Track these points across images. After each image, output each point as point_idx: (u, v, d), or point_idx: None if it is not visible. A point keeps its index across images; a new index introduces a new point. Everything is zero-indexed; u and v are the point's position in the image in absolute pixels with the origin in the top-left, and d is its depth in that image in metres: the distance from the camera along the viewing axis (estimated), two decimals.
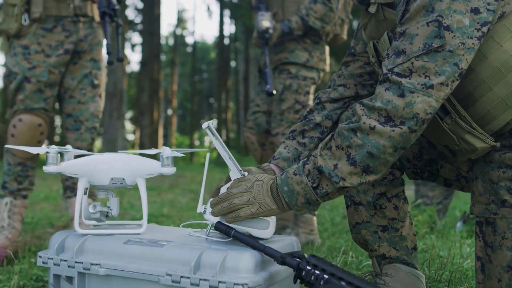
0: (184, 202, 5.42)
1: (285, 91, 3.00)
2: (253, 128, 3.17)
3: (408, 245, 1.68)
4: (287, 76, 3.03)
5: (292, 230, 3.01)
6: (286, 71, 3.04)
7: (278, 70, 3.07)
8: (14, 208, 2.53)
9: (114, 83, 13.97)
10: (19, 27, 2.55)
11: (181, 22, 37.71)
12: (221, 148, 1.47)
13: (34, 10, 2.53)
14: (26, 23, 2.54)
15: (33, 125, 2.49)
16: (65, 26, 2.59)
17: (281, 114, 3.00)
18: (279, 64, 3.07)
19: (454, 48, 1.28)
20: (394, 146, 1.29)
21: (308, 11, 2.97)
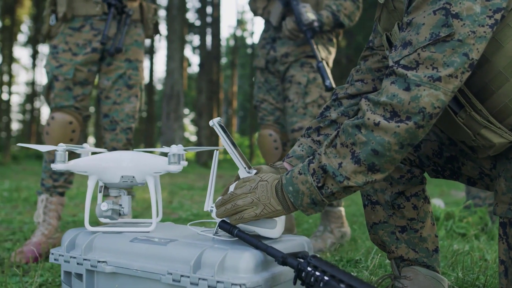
0: None
1: (309, 84, 2.90)
2: (275, 126, 3.07)
3: (429, 247, 1.60)
4: (310, 70, 2.93)
5: (325, 228, 2.93)
6: (308, 64, 2.94)
7: (299, 62, 2.95)
8: (50, 205, 2.59)
9: (171, 84, 14.20)
10: (49, 28, 2.61)
11: (241, 24, 37.95)
12: (228, 146, 1.44)
13: (59, 10, 2.59)
14: (53, 23, 2.60)
15: (64, 123, 2.54)
16: (93, 25, 2.62)
17: (305, 108, 2.89)
18: (302, 57, 2.96)
19: (464, 37, 1.20)
20: (400, 143, 1.22)
21: (339, 7, 2.88)
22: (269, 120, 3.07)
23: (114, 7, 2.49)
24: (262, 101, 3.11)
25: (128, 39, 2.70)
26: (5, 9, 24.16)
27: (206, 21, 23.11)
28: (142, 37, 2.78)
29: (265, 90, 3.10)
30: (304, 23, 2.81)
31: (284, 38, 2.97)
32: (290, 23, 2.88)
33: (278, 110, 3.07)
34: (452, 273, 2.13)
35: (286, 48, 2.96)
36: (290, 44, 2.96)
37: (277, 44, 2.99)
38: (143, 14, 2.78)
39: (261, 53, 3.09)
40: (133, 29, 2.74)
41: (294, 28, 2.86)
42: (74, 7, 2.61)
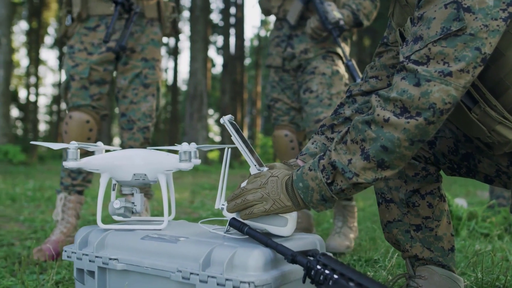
0: None
1: (333, 76, 2.86)
2: (290, 126, 3.02)
3: (445, 246, 1.57)
4: (332, 63, 2.90)
5: (344, 223, 2.86)
6: (330, 58, 2.90)
7: (321, 56, 2.91)
8: (69, 203, 2.61)
9: (194, 85, 14.27)
10: (65, 28, 2.64)
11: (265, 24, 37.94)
12: (238, 144, 1.44)
13: (74, 10, 2.61)
14: (68, 23, 2.63)
15: (81, 122, 2.56)
16: (108, 24, 2.62)
17: (330, 99, 2.82)
18: (322, 52, 2.91)
19: (476, 31, 1.17)
20: (410, 139, 1.20)
21: (358, 6, 2.85)
22: (284, 120, 3.03)
23: (120, 5, 2.49)
24: (276, 100, 3.06)
25: (144, 38, 2.71)
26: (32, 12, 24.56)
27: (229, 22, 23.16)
28: (159, 35, 2.77)
29: (280, 89, 3.05)
30: (331, 21, 2.77)
31: (302, 35, 2.94)
32: (314, 21, 2.83)
33: (293, 110, 3.02)
34: (472, 273, 2.09)
35: (304, 45, 2.92)
36: (308, 41, 2.92)
37: (294, 41, 2.95)
38: (160, 12, 2.78)
39: (276, 51, 3.04)
40: (149, 28, 2.74)
41: (318, 27, 2.82)
42: (89, 7, 2.63)
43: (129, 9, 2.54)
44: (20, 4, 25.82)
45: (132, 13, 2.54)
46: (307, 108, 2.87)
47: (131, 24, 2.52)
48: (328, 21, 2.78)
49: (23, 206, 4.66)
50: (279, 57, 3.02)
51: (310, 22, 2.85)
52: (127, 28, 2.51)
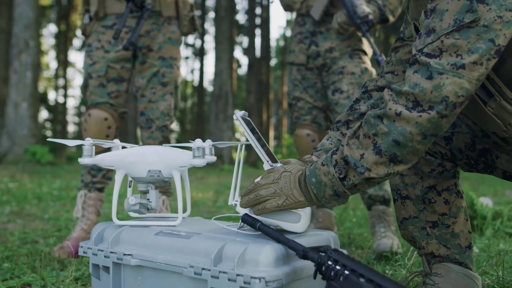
0: None
1: (362, 75, 2.81)
2: (312, 125, 2.96)
3: (462, 243, 1.54)
4: (360, 61, 2.84)
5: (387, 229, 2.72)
6: (357, 56, 2.85)
7: (348, 55, 2.85)
8: (89, 200, 2.64)
9: (220, 85, 14.32)
10: (84, 26, 2.67)
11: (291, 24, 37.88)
12: (251, 140, 1.44)
13: (91, 9, 2.64)
14: (86, 22, 2.66)
15: (99, 119, 2.58)
16: (125, 22, 2.64)
17: None
18: (348, 51, 2.86)
19: (490, 23, 1.15)
20: (422, 133, 1.18)
21: (385, 2, 2.79)
22: (306, 119, 2.97)
23: (132, 2, 2.50)
24: (298, 99, 3.00)
25: (161, 36, 2.72)
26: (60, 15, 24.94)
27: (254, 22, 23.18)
28: (176, 34, 2.78)
29: (302, 88, 2.98)
30: (359, 16, 2.71)
31: (326, 32, 2.89)
32: (342, 16, 2.76)
33: (316, 109, 2.96)
34: (494, 272, 2.05)
35: (329, 43, 2.87)
36: (333, 38, 2.87)
37: (319, 39, 2.90)
38: (178, 10, 2.78)
39: (299, 48, 2.98)
40: (167, 26, 2.74)
41: (346, 22, 2.76)
42: (106, 6, 2.65)
43: (141, 6, 2.55)
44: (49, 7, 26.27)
45: (143, 10, 2.54)
46: (338, 109, 2.82)
47: (141, 21, 2.52)
48: (356, 16, 2.71)
49: (49, 205, 4.73)
50: (303, 54, 2.95)
51: (337, 17, 2.79)
52: (138, 25, 2.51)
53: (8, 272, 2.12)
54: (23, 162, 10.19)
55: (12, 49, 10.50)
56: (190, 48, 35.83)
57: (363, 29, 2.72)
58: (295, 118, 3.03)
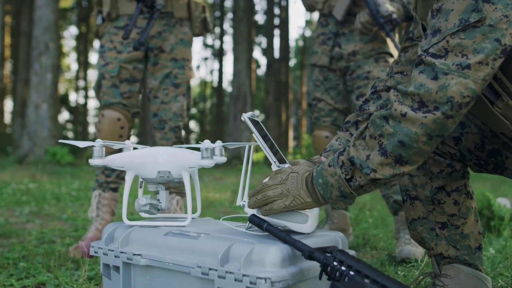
0: None
1: None
2: (332, 127, 2.92)
3: (471, 244, 1.53)
4: (386, 64, 2.79)
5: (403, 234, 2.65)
6: (383, 59, 2.80)
7: (373, 59, 2.80)
8: (103, 200, 2.67)
9: (238, 86, 14.35)
10: (97, 28, 2.70)
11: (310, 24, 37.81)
12: (259, 141, 1.44)
13: (104, 10, 2.67)
14: (99, 23, 2.69)
15: (112, 120, 2.61)
16: (136, 23, 2.66)
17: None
18: (373, 54, 2.80)
19: (495, 22, 1.14)
20: (428, 134, 1.17)
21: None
22: (326, 121, 2.94)
23: (142, 2, 2.52)
24: (319, 100, 2.96)
25: (172, 38, 2.74)
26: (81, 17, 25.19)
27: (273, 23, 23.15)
28: (188, 35, 2.79)
29: (324, 89, 2.94)
30: (383, 15, 2.64)
31: (349, 33, 2.84)
32: (365, 15, 2.70)
33: (336, 111, 2.93)
34: (509, 274, 2.03)
35: (353, 46, 2.82)
36: (357, 40, 2.82)
37: (342, 41, 2.85)
38: (190, 12, 2.80)
39: (321, 49, 2.93)
40: (179, 28, 2.76)
41: (369, 22, 2.70)
42: (118, 7, 2.68)
43: (151, 7, 2.57)
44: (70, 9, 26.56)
45: (154, 10, 2.56)
46: None
47: (152, 21, 2.54)
48: (380, 15, 2.65)
49: (67, 205, 4.79)
50: (325, 55, 2.91)
51: (359, 17, 2.73)
52: (148, 25, 2.53)
53: (23, 272, 2.15)
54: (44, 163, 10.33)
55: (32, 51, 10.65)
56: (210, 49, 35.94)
57: (387, 29, 2.66)
58: (315, 119, 3.00)
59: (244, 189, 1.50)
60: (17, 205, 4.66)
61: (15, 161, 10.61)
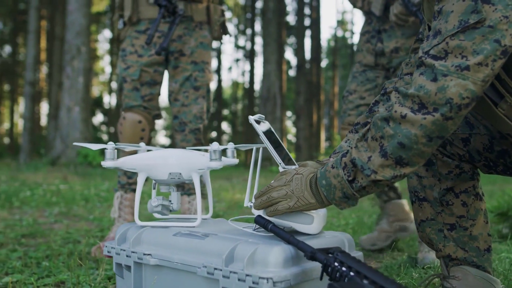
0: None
1: None
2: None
3: (480, 246, 1.52)
4: None
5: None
6: None
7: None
8: (125, 201, 2.73)
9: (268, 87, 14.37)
10: (118, 32, 2.76)
11: (342, 24, 37.58)
12: (266, 142, 1.46)
13: (125, 14, 2.72)
14: (121, 27, 2.74)
15: (133, 122, 2.66)
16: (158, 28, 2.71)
17: None
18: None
19: (495, 23, 1.14)
20: (427, 136, 1.17)
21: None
22: (351, 115, 2.86)
23: (164, 8, 2.56)
24: (351, 92, 2.87)
25: (192, 41, 2.78)
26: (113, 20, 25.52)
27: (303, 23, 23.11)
28: (208, 38, 2.83)
29: (360, 81, 2.86)
30: (414, 2, 2.55)
31: (390, 29, 2.78)
32: (397, 6, 2.63)
33: (364, 107, 2.84)
34: None
35: (394, 42, 2.75)
36: (398, 36, 2.75)
37: (384, 37, 2.79)
38: (209, 15, 2.84)
39: (366, 48, 2.88)
40: (198, 31, 2.80)
41: (402, 12, 2.63)
42: (140, 11, 2.73)
43: (173, 12, 2.61)
44: (103, 13, 27.00)
45: (176, 16, 2.60)
46: None
47: (174, 26, 2.58)
48: (411, 3, 2.56)
49: (96, 206, 4.89)
50: (370, 54, 2.85)
51: (393, 9, 2.66)
52: (170, 30, 2.58)
53: (45, 271, 2.21)
54: (75, 165, 10.53)
55: (64, 55, 10.89)
56: (241, 50, 36.07)
57: (420, 16, 2.53)
58: (343, 112, 2.92)
59: (253, 190, 1.52)
60: (47, 206, 4.78)
61: (48, 162, 10.85)
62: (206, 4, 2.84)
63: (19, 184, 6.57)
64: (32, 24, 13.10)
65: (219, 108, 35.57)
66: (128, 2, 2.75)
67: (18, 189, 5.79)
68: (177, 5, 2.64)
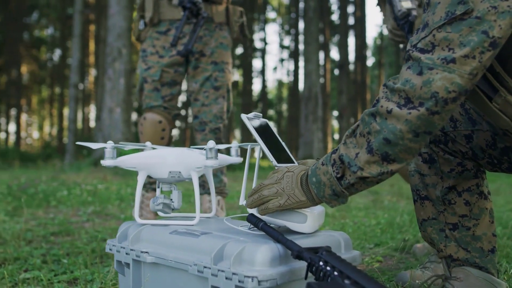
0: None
1: None
2: None
3: (484, 247, 1.47)
4: None
5: None
6: None
7: None
8: (146, 200, 2.76)
9: (309, 87, 14.30)
10: (138, 32, 2.79)
11: None
12: (258, 139, 1.45)
13: (146, 15, 2.75)
14: (141, 28, 2.78)
15: (154, 122, 2.69)
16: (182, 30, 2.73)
17: None
18: None
19: (483, 14, 1.09)
20: (413, 131, 1.14)
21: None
22: None
23: (188, 10, 2.58)
24: None
25: (213, 42, 2.79)
26: None
27: (347, 22, 22.90)
28: (227, 39, 2.85)
29: None
30: (397, 14, 2.35)
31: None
32: (391, 21, 2.46)
33: None
34: None
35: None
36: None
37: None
38: (228, 17, 2.85)
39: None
40: (218, 32, 2.82)
41: (394, 27, 2.46)
42: (161, 12, 2.76)
43: (197, 14, 2.63)
44: None
45: (199, 18, 2.62)
46: None
47: (198, 28, 2.61)
48: (398, 17, 2.36)
49: (129, 205, 4.96)
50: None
51: (387, 24, 2.51)
52: (195, 32, 2.60)
53: (63, 267, 2.26)
54: None
55: (106, 57, 11.12)
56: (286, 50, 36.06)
57: (405, 30, 2.38)
58: None
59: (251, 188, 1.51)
60: (82, 205, 4.88)
61: (91, 163, 11.08)
62: (226, 6, 2.86)
63: (58, 184, 6.75)
64: (77, 28, 13.44)
65: (263, 109, 35.64)
66: (149, 3, 2.79)
67: (57, 189, 5.94)
68: (201, 7, 2.66)
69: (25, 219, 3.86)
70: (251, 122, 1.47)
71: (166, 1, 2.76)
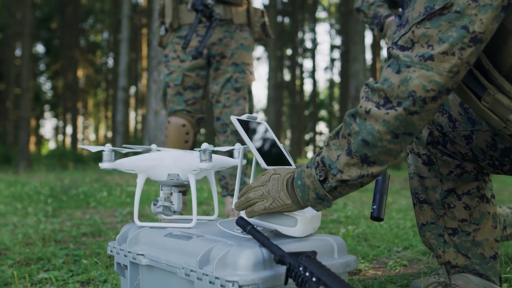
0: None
1: None
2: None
3: (485, 253, 1.40)
4: None
5: None
6: None
7: None
8: None
9: (356, 86, 14.10)
10: (160, 38, 2.82)
11: None
12: (247, 141, 1.43)
13: (166, 21, 2.77)
14: (163, 33, 2.80)
15: (177, 126, 2.71)
16: (198, 32, 2.75)
17: None
18: None
19: (463, 8, 1.03)
20: (391, 132, 1.09)
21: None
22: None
23: (201, 12, 2.58)
24: None
25: (233, 43, 2.79)
26: None
27: None
28: (248, 40, 2.84)
29: None
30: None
31: None
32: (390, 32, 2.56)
33: None
34: None
35: None
36: None
37: None
38: (249, 17, 2.84)
39: None
40: (239, 33, 2.81)
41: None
42: (180, 17, 2.77)
43: (209, 16, 2.63)
44: None
45: (212, 20, 2.63)
46: None
47: (210, 31, 2.61)
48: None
49: None
50: None
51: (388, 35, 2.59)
52: (206, 34, 2.60)
53: (81, 268, 2.30)
54: None
55: (151, 60, 11.29)
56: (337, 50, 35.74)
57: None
58: None
59: None
60: (120, 206, 4.97)
61: None
62: (246, 7, 2.85)
63: (100, 185, 6.89)
64: (124, 32, 13.73)
65: (314, 109, 35.41)
66: (169, 9, 2.81)
67: (98, 190, 6.07)
68: (213, 10, 2.66)
69: (61, 220, 3.95)
70: (249, 124, 1.46)
71: (185, 6, 2.78)
